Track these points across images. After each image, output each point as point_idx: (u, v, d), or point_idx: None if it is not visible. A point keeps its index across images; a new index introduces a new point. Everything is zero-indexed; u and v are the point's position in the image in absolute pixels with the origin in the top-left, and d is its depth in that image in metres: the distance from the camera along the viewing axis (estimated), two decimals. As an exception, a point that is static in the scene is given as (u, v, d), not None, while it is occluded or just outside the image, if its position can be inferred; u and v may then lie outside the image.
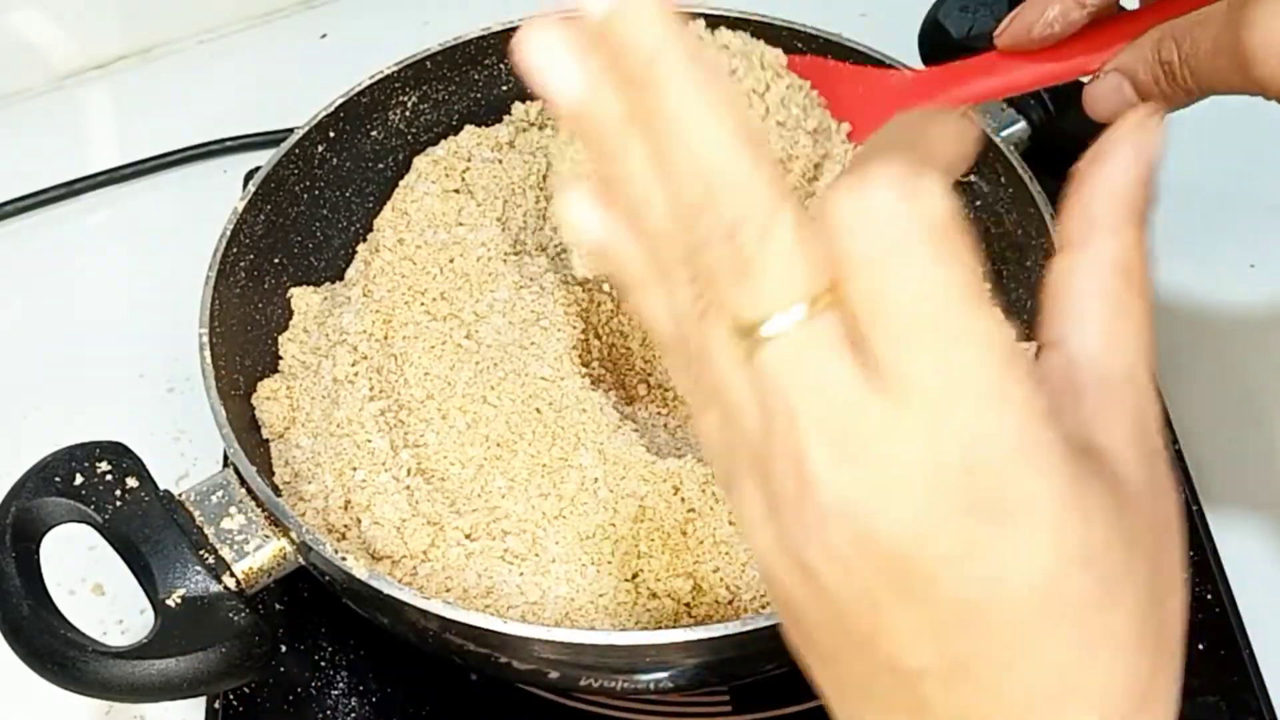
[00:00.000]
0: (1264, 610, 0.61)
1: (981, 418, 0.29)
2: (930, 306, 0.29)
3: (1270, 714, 0.58)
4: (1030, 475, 0.29)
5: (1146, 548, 0.31)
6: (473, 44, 0.69)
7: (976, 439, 0.29)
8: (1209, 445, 0.67)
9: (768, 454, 0.31)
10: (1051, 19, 0.52)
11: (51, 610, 0.49)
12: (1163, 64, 0.48)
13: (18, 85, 0.86)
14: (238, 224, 0.61)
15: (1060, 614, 0.30)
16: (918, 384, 0.29)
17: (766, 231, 0.30)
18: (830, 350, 0.29)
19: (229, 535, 0.52)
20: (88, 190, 0.81)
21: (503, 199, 0.64)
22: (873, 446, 0.29)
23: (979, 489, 0.29)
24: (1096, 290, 0.33)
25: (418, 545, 0.55)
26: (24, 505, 0.51)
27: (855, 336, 0.29)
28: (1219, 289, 0.73)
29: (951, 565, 0.29)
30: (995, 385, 0.29)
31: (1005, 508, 0.29)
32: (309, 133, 0.65)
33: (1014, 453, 0.29)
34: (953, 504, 0.29)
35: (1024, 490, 0.29)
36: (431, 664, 0.58)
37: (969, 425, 0.29)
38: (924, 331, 0.29)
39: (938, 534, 0.29)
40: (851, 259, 0.29)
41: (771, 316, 0.30)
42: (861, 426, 0.29)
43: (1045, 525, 0.29)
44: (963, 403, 0.29)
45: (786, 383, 0.30)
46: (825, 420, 0.29)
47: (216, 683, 0.49)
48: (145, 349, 0.73)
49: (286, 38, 0.90)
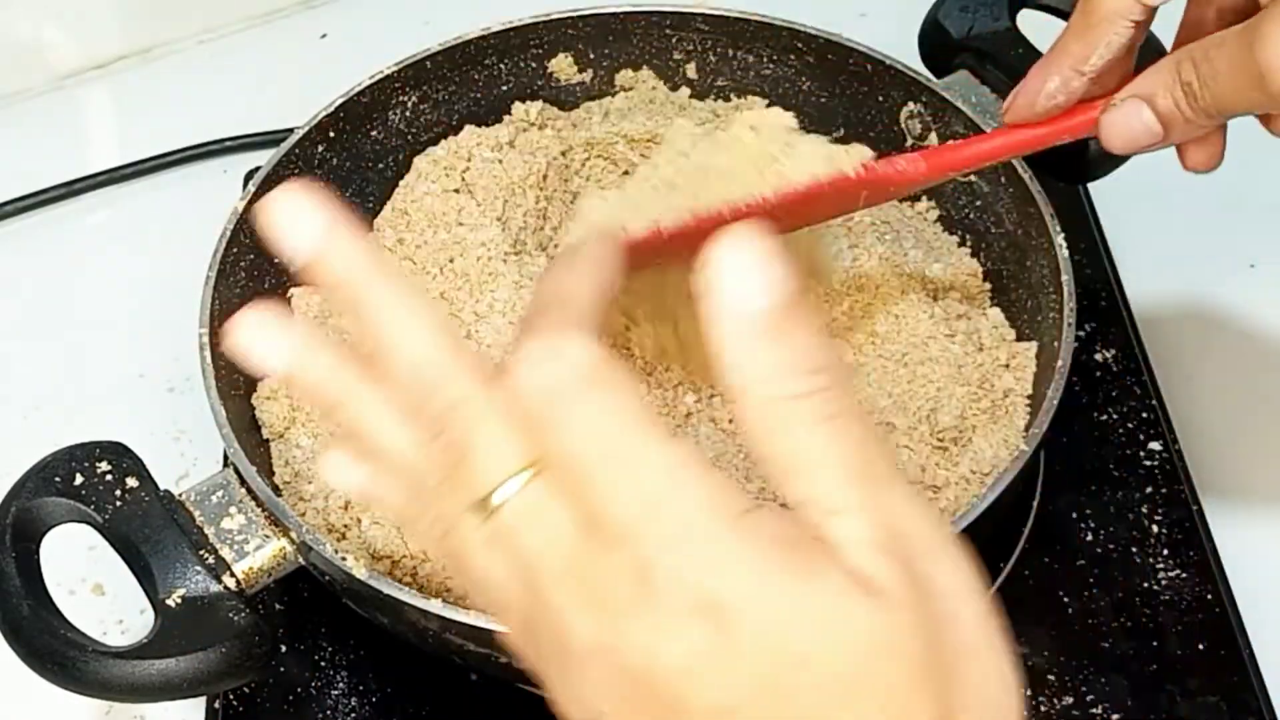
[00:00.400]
0: (1264, 610, 0.61)
1: (675, 528, 0.31)
2: (600, 445, 0.32)
3: (1270, 714, 0.58)
4: (726, 571, 0.31)
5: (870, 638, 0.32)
6: (473, 44, 0.69)
7: (676, 550, 0.31)
8: (1209, 445, 0.67)
9: (532, 622, 0.34)
10: (1054, 90, 0.52)
11: (51, 610, 0.49)
12: (1183, 85, 0.48)
13: (18, 85, 0.86)
14: (238, 224, 0.61)
15: (806, 709, 0.31)
16: (619, 517, 0.32)
17: (473, 419, 0.34)
18: (549, 508, 0.33)
19: (229, 535, 0.52)
20: (88, 190, 0.81)
21: (503, 199, 0.64)
22: (601, 588, 0.32)
23: (689, 594, 0.31)
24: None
25: (418, 545, 0.55)
26: (24, 505, 0.51)
27: (569, 490, 0.33)
28: (1219, 289, 0.73)
29: (689, 676, 0.31)
30: (675, 489, 0.32)
31: (718, 605, 0.31)
32: (309, 133, 0.65)
33: (708, 548, 0.31)
34: (675, 613, 0.31)
35: (727, 590, 0.31)
36: (431, 664, 0.58)
37: (666, 538, 0.31)
38: (606, 469, 0.32)
39: (669, 648, 0.31)
40: (532, 424, 0.33)
41: (496, 489, 0.33)
42: (589, 571, 0.32)
43: (752, 618, 0.31)
44: (655, 523, 0.32)
45: (522, 542, 0.33)
46: (561, 571, 0.33)
47: (216, 683, 0.49)
48: (145, 349, 0.73)
49: (286, 38, 0.90)
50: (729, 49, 0.71)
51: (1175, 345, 0.71)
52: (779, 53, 0.70)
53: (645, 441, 0.32)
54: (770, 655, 0.31)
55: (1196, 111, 0.48)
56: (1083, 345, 0.69)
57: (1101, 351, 0.69)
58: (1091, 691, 0.58)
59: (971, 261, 0.66)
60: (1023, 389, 0.59)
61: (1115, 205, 0.75)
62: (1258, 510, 0.66)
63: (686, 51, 0.72)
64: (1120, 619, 0.61)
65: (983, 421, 0.58)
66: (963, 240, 0.67)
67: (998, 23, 0.68)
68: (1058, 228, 0.60)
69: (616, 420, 0.32)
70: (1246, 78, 0.46)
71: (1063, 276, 0.58)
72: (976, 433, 0.58)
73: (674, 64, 0.72)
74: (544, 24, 0.70)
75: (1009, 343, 0.61)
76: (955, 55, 0.68)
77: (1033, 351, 0.60)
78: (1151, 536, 0.63)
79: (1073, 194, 0.74)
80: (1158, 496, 0.64)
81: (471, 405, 0.34)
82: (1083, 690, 0.58)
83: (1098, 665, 0.59)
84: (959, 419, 0.58)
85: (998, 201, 0.64)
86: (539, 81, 0.72)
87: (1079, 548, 0.63)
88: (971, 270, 0.66)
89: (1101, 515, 0.64)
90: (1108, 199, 0.75)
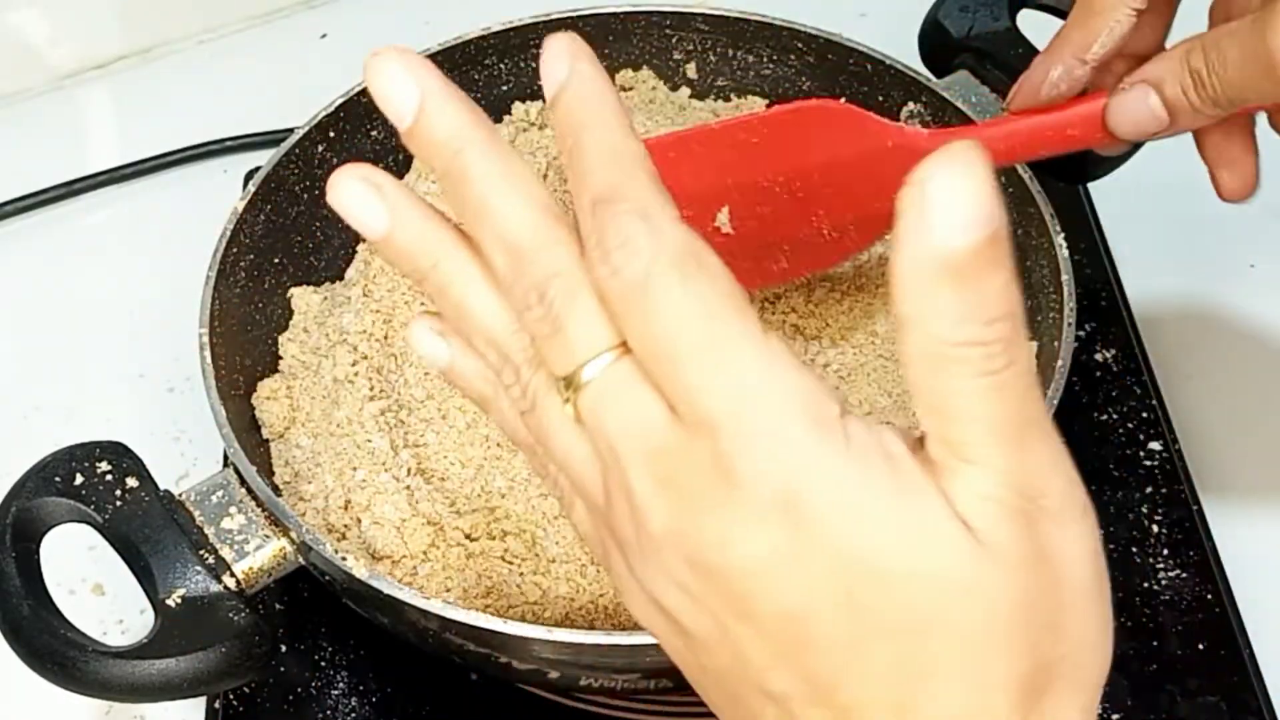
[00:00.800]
0: (1264, 610, 0.61)
1: (763, 423, 0.31)
2: (694, 332, 0.31)
3: (1270, 714, 0.58)
4: (812, 472, 0.30)
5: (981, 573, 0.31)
6: (473, 44, 0.69)
7: (762, 446, 0.30)
8: (1209, 445, 0.67)
9: (610, 503, 0.33)
10: (1056, 79, 0.53)
11: (51, 610, 0.49)
12: (1191, 73, 0.48)
13: (18, 85, 0.86)
14: (238, 224, 0.61)
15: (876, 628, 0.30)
16: (704, 409, 0.31)
17: (571, 291, 0.33)
18: (636, 389, 0.32)
19: (229, 535, 0.52)
20: (88, 190, 0.81)
21: (503, 199, 0.64)
22: (682, 476, 0.31)
23: (770, 492, 0.30)
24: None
25: (418, 545, 0.55)
26: (24, 505, 0.51)
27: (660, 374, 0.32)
28: (1219, 289, 0.73)
29: (761, 577, 0.31)
30: (766, 385, 0.31)
31: (799, 506, 0.30)
32: (309, 133, 0.65)
33: (795, 447, 0.30)
34: (753, 509, 0.30)
35: (810, 491, 0.30)
36: (431, 664, 0.58)
37: (753, 433, 0.30)
38: (698, 357, 0.31)
39: (744, 544, 0.31)
40: (630, 304, 0.32)
41: (586, 364, 0.33)
42: (671, 458, 0.32)
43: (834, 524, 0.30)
44: (744, 417, 0.31)
45: (606, 421, 0.33)
46: (642, 453, 0.32)
47: (216, 683, 0.49)
48: (145, 349, 0.73)
49: (286, 38, 0.90)
50: (729, 49, 0.71)
51: (1175, 345, 0.71)
52: (779, 53, 0.70)
53: (740, 333, 0.31)
54: (847, 566, 0.30)
55: (1204, 100, 0.48)
56: (1083, 345, 0.69)
57: (1101, 351, 0.69)
58: (1091, 691, 0.58)
59: (971, 261, 0.66)
60: (1023, 389, 0.59)
61: (1115, 205, 0.75)
62: (1258, 510, 0.66)
63: (686, 51, 0.72)
64: (1120, 619, 0.60)
65: (983, 421, 0.58)
66: (963, 240, 0.67)
67: (998, 23, 0.68)
68: (1058, 228, 0.60)
69: (712, 308, 0.31)
70: (1257, 66, 0.46)
71: (1063, 276, 0.58)
72: (976, 433, 0.58)
73: (674, 64, 0.72)
74: (544, 24, 0.70)
75: (1009, 343, 0.61)
76: (955, 55, 0.68)
77: (1033, 351, 0.60)
78: (1151, 536, 0.63)
79: (1073, 194, 0.74)
80: (1158, 496, 0.64)
81: (569, 279, 0.33)
82: (1083, 690, 0.58)
83: (1098, 665, 0.59)
84: (959, 419, 0.58)
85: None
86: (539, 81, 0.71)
87: (1079, 548, 0.63)
88: (971, 270, 0.66)
89: (1101, 515, 0.62)
90: (1108, 199, 0.75)
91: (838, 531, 0.30)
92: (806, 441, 0.30)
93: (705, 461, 0.31)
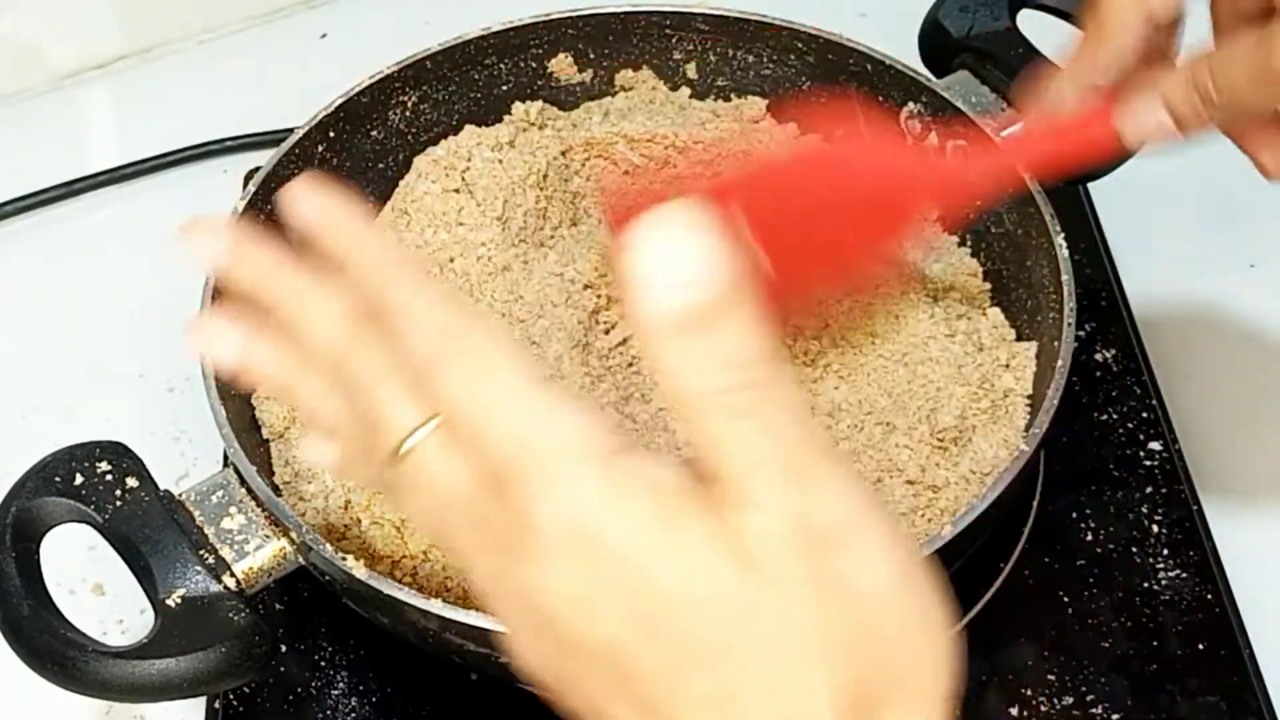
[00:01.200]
0: (1264, 610, 0.61)
1: (546, 466, 0.33)
2: (475, 395, 0.34)
3: (1270, 714, 0.58)
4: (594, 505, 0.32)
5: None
6: (473, 44, 0.69)
7: (547, 487, 0.33)
8: (1209, 445, 0.67)
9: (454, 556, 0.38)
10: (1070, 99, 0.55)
11: (51, 610, 0.49)
12: (1198, 86, 0.50)
13: (18, 85, 0.86)
14: (238, 224, 0.61)
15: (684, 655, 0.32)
16: (496, 459, 0.33)
17: (379, 376, 0.37)
18: (449, 456, 0.35)
19: (229, 535, 0.52)
20: (88, 190, 0.81)
21: (503, 199, 0.64)
22: (491, 529, 0.34)
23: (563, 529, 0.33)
24: None
25: (418, 545, 0.55)
26: (24, 505, 0.51)
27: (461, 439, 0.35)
28: (1219, 289, 0.73)
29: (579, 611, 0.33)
30: (547, 432, 0.33)
31: (590, 541, 0.32)
32: (309, 133, 0.65)
33: (574, 485, 0.33)
34: (553, 551, 0.33)
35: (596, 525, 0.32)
36: (431, 664, 0.58)
37: (539, 477, 0.33)
38: (482, 415, 0.34)
39: (554, 585, 0.33)
40: (422, 381, 0.35)
41: (406, 438, 0.36)
42: (481, 514, 0.34)
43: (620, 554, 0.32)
44: (527, 461, 0.33)
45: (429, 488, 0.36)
46: (461, 515, 0.35)
47: (216, 683, 0.49)
48: (145, 349, 0.73)
49: (286, 38, 0.90)
50: (729, 49, 0.71)
51: (1175, 345, 0.71)
52: (779, 53, 0.70)
53: (513, 388, 0.34)
54: (636, 592, 0.32)
55: (1211, 110, 0.50)
56: (1083, 345, 0.69)
57: (1101, 351, 0.69)
58: (1091, 691, 0.58)
59: (971, 261, 0.66)
60: (1023, 389, 0.59)
61: (1115, 205, 0.75)
62: (1258, 510, 0.66)
63: (686, 51, 0.72)
64: (1120, 619, 0.61)
65: (983, 421, 0.58)
66: (962, 240, 0.67)
67: (998, 23, 0.68)
68: (1058, 228, 0.60)
69: (486, 370, 0.34)
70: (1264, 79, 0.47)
71: (1063, 276, 0.58)
72: (976, 433, 0.58)
73: (674, 64, 0.72)
74: (544, 24, 0.70)
75: (1009, 343, 0.61)
76: (955, 55, 0.68)
77: (1033, 351, 0.60)
78: (1151, 536, 0.63)
79: (1073, 194, 0.74)
80: (1158, 496, 0.64)
81: (372, 369, 0.37)
82: (1083, 690, 0.58)
83: (1098, 665, 0.59)
84: (959, 419, 0.58)
85: (997, 201, 0.64)
86: (539, 81, 0.72)
87: (1079, 548, 0.63)
88: (971, 270, 0.66)
89: (1101, 515, 0.64)
90: (1108, 199, 0.75)
91: (623, 561, 0.32)
92: (584, 477, 0.32)
93: (508, 513, 0.33)
